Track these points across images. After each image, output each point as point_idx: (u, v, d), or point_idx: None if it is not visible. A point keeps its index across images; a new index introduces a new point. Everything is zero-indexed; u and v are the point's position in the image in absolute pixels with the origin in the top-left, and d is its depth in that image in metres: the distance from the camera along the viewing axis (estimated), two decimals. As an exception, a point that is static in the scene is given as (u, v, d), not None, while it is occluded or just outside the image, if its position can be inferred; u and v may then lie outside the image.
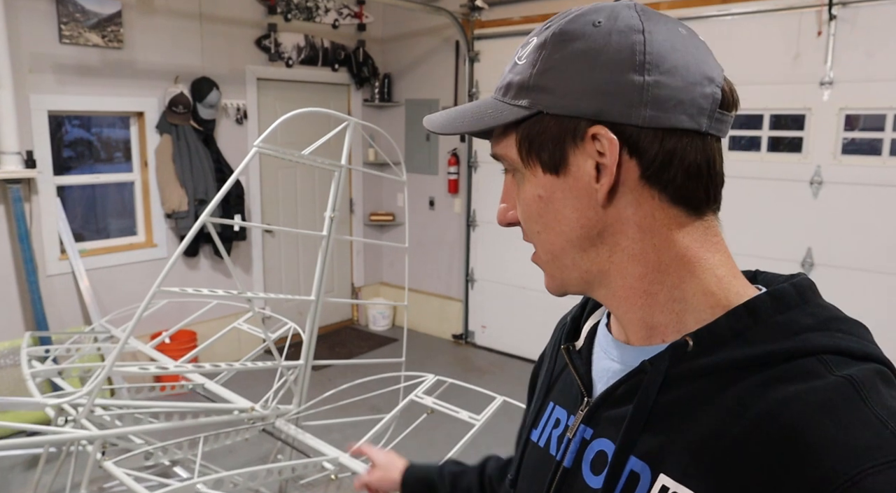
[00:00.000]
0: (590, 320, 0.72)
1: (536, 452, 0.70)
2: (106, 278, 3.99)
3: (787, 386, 0.50)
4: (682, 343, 0.56)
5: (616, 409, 0.60)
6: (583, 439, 0.63)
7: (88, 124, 4.09)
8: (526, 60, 0.59)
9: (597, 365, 0.66)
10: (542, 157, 0.58)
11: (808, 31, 3.35)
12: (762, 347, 0.53)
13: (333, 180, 2.38)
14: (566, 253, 0.60)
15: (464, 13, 4.78)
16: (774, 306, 0.56)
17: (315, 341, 2.42)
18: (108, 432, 1.70)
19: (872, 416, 0.47)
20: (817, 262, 3.47)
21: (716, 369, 0.54)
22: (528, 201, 0.60)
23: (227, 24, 4.41)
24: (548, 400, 0.72)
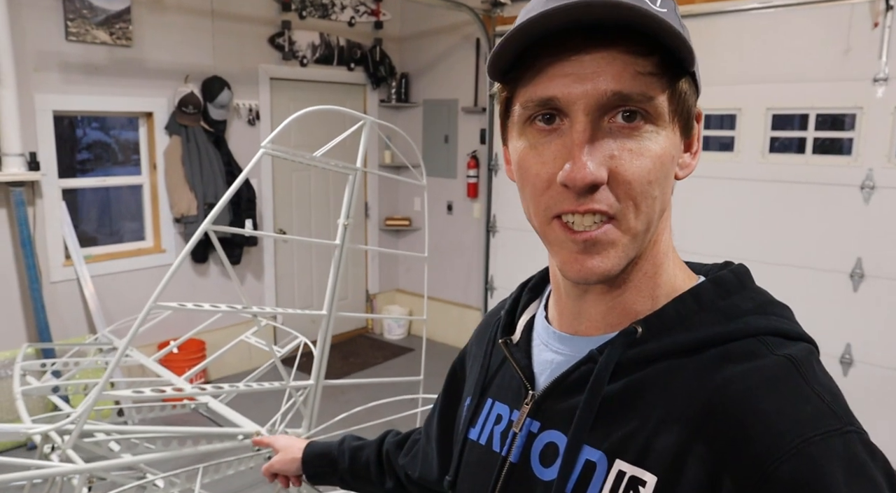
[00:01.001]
0: (525, 315, 0.71)
1: (477, 450, 0.68)
2: (112, 285, 3.83)
3: (734, 366, 0.52)
4: (631, 331, 0.57)
5: (564, 400, 0.60)
6: (529, 432, 0.62)
7: (97, 125, 3.94)
8: (668, 10, 0.53)
9: (537, 358, 0.65)
10: (686, 118, 0.56)
11: (861, 23, 3.11)
12: (708, 330, 0.55)
13: (348, 185, 2.18)
14: (653, 226, 0.56)
15: (485, 9, 4.58)
16: (717, 292, 0.58)
17: (327, 357, 2.22)
18: (92, 465, 1.52)
19: (811, 391, 0.50)
20: (868, 273, 3.22)
21: (665, 353, 0.55)
22: (661, 159, 0.54)
23: (239, 22, 4.25)
24: (485, 397, 0.71)
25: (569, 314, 0.62)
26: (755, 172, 3.49)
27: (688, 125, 0.56)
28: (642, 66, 0.51)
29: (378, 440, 1.04)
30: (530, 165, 0.55)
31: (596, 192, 0.52)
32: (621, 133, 0.52)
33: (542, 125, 0.54)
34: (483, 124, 4.85)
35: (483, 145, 4.87)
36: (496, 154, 4.78)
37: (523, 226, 4.35)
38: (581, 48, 0.51)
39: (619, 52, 0.51)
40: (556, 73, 0.52)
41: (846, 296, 3.28)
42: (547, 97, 0.52)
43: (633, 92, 0.51)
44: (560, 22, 0.50)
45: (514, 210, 4.71)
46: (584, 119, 0.52)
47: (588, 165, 0.51)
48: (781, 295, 0.60)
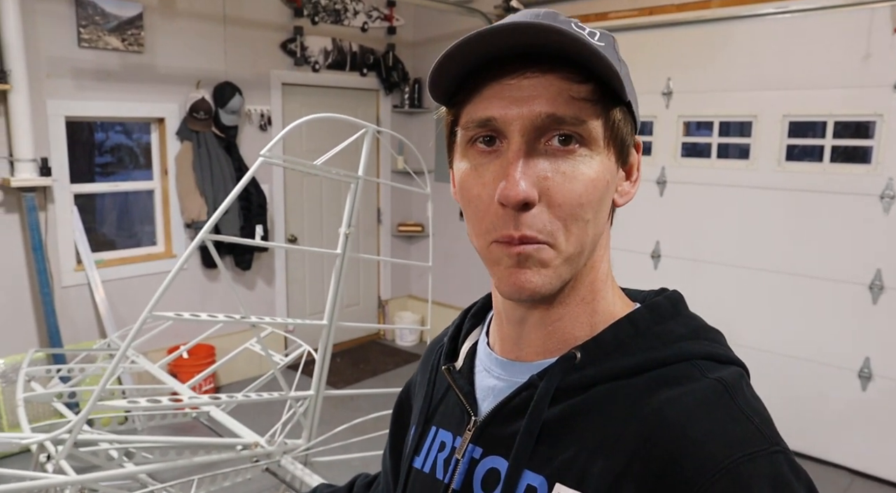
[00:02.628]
0: (467, 342, 0.72)
1: (421, 478, 0.69)
2: (123, 290, 3.85)
3: (669, 389, 0.54)
4: (570, 356, 0.58)
5: (506, 426, 0.60)
6: (472, 458, 0.62)
7: (109, 131, 3.97)
8: (605, 44, 0.56)
9: (480, 384, 0.66)
10: (621, 145, 0.58)
11: (881, 28, 3.02)
12: (644, 355, 0.57)
13: (349, 193, 2.16)
14: (587, 249, 0.57)
15: (498, 14, 4.54)
16: (652, 317, 0.60)
17: (327, 368, 2.20)
18: (84, 477, 1.51)
19: (740, 413, 0.52)
20: (888, 285, 3.12)
21: (603, 378, 0.56)
22: (595, 183, 0.55)
23: (251, 28, 4.26)
24: (429, 426, 0.71)
25: (510, 340, 0.63)
26: (771, 180, 3.41)
27: (623, 152, 0.58)
28: (577, 92, 0.53)
29: (348, 485, 1.03)
30: (471, 186, 0.56)
31: (528, 213, 0.53)
32: (556, 156, 0.54)
33: (483, 147, 0.56)
34: (495, 130, 4.81)
35: (495, 151, 4.83)
36: (508, 160, 4.74)
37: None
38: (520, 72, 0.53)
39: (556, 77, 0.53)
40: (495, 95, 0.54)
41: (865, 308, 3.19)
42: (486, 118, 0.54)
43: (566, 115, 0.53)
44: (495, 45, 0.52)
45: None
46: (519, 140, 0.53)
47: (520, 184, 0.52)
48: (799, 307, 0.60)
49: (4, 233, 3.38)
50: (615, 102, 0.56)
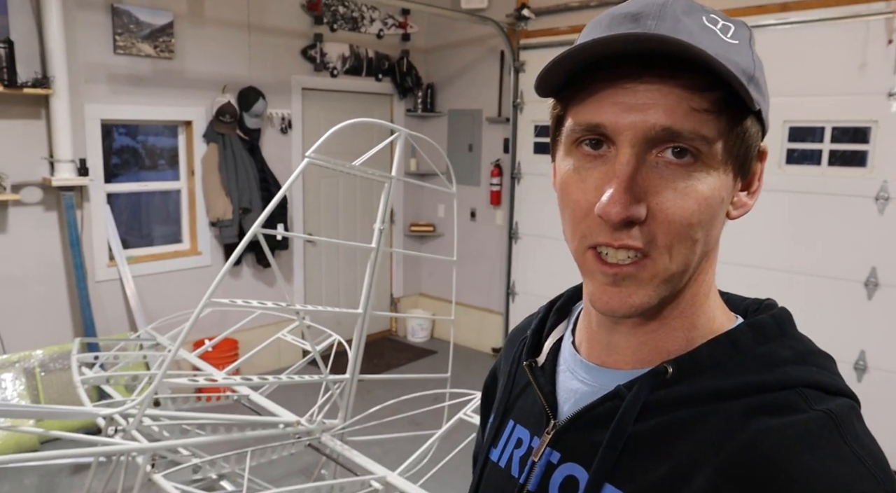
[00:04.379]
0: (551, 337, 0.69)
1: (497, 472, 0.67)
2: (151, 285, 4.03)
3: (768, 418, 0.50)
4: (661, 370, 0.55)
5: (587, 434, 0.57)
6: (549, 462, 0.60)
7: (136, 132, 4.15)
8: (739, 42, 0.52)
9: (562, 385, 0.63)
10: (744, 159, 0.54)
11: (876, 39, 3.21)
12: (742, 377, 0.52)
13: (383, 192, 2.34)
14: (692, 268, 0.54)
15: (510, 23, 4.73)
16: (755, 337, 0.55)
17: (362, 353, 2.37)
18: (158, 444, 1.68)
19: (850, 452, 0.47)
20: (882, 282, 3.30)
21: (695, 397, 0.53)
22: (708, 202, 0.51)
23: (274, 35, 4.45)
24: (507, 418, 0.69)
25: (598, 344, 0.60)
26: (772, 182, 3.59)
27: (745, 165, 0.54)
28: (698, 103, 0.49)
29: None
30: (572, 191, 0.53)
31: (633, 228, 0.50)
32: (668, 169, 0.50)
33: (589, 150, 0.52)
34: (506, 134, 5.00)
35: (506, 154, 5.01)
36: (519, 163, 4.92)
37: (545, 233, 4.48)
38: (636, 77, 0.49)
39: (676, 85, 0.49)
40: (608, 99, 0.50)
41: (861, 304, 3.37)
42: (595, 123, 0.51)
43: (684, 129, 0.49)
44: (615, 50, 0.49)
45: (536, 218, 4.84)
46: (629, 151, 0.50)
47: (625, 201, 0.49)
48: (798, 303, 0.64)
49: (44, 229, 3.56)
50: (742, 112, 0.51)
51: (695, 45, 0.47)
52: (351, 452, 2.12)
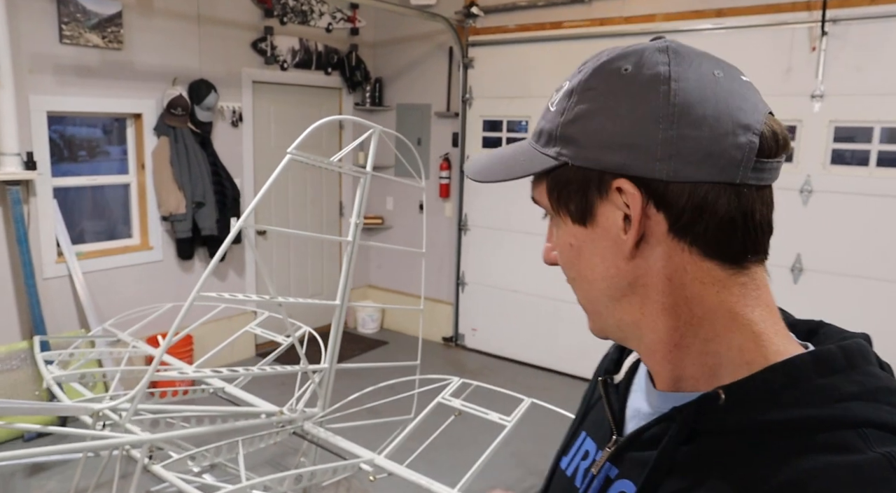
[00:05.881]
0: (633, 355, 0.70)
1: (563, 480, 0.70)
2: (101, 281, 3.93)
3: (819, 457, 0.47)
4: (713, 396, 0.53)
5: (642, 452, 0.59)
6: (607, 476, 0.62)
7: (82, 124, 4.03)
8: (556, 107, 0.59)
9: (631, 404, 0.66)
10: (569, 207, 0.58)
11: (801, 45, 3.51)
12: (797, 411, 0.50)
13: (359, 187, 2.42)
14: (600, 301, 0.60)
15: (458, 20, 4.84)
16: (816, 368, 0.52)
17: (339, 343, 2.45)
18: (157, 436, 1.71)
19: None
20: (806, 267, 3.63)
21: (746, 427, 0.52)
22: (561, 248, 0.61)
23: (224, 27, 4.39)
24: (580, 429, 0.72)
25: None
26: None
27: (580, 210, 0.58)
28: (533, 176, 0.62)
29: None
30: None
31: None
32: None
33: None
34: (455, 128, 5.12)
35: (455, 148, 5.13)
36: (468, 156, 5.05)
37: (493, 225, 4.65)
38: None
39: None
40: None
41: (788, 288, 3.70)
42: None
43: (533, 197, 0.63)
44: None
45: (485, 210, 5.00)
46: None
47: (544, 250, 0.65)
48: None
49: (-12, 226, 3.42)
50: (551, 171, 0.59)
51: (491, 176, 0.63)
52: (335, 438, 2.20)
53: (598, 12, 4.27)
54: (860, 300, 3.49)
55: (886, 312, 3.42)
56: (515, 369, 4.91)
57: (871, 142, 3.42)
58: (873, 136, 3.41)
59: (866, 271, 3.47)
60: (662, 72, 0.54)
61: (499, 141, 4.92)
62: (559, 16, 4.46)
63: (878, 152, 3.42)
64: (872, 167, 3.43)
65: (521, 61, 4.66)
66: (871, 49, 3.35)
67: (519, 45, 4.67)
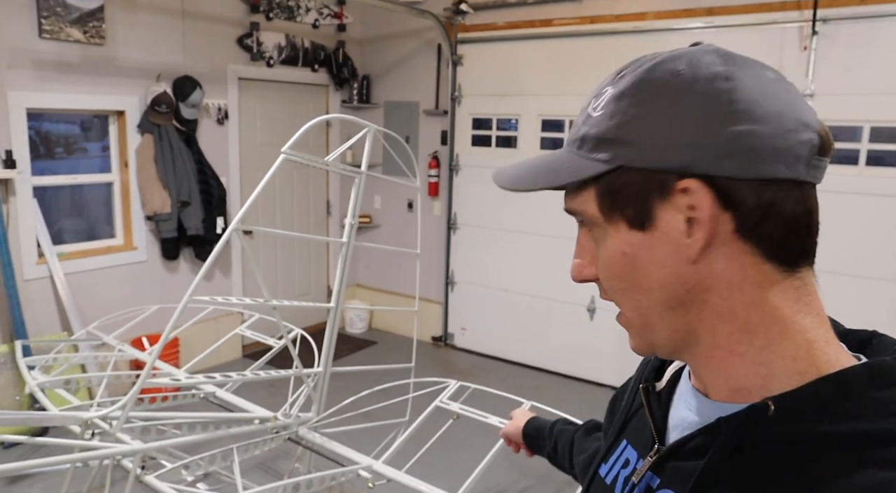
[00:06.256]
0: (676, 362, 0.69)
1: (602, 488, 0.70)
2: (84, 283, 3.84)
3: (874, 472, 0.46)
4: (762, 406, 0.52)
5: (686, 462, 0.58)
6: (648, 486, 0.61)
7: (62, 122, 3.92)
8: (603, 112, 0.57)
9: (674, 413, 0.64)
10: (626, 212, 0.55)
11: (791, 45, 3.52)
12: (852, 424, 0.49)
13: (354, 187, 2.37)
14: (654, 312, 0.56)
15: (447, 17, 4.80)
16: (871, 380, 0.51)
17: (334, 346, 2.40)
18: (151, 445, 1.66)
19: None
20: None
21: (796, 440, 0.50)
22: (611, 259, 0.57)
23: (209, 22, 4.31)
24: (621, 437, 0.71)
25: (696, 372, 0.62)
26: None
27: (637, 214, 0.55)
28: (573, 185, 0.59)
29: (576, 428, 1.12)
30: None
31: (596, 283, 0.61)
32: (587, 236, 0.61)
33: None
34: (444, 126, 5.08)
35: (444, 146, 5.09)
36: (457, 155, 5.01)
37: (483, 223, 4.62)
38: None
39: None
40: None
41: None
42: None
43: (569, 207, 0.61)
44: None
45: (474, 209, 4.96)
46: (580, 227, 0.62)
47: (574, 267, 0.61)
48: None
49: (-34, 226, 3.32)
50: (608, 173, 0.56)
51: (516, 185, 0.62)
52: (331, 443, 2.16)
53: (589, 10, 4.25)
54: (851, 299, 3.51)
55: (878, 310, 3.45)
56: (506, 369, 4.89)
57: (861, 141, 3.44)
58: (863, 135, 3.43)
59: (857, 270, 3.49)
60: (721, 71, 0.52)
61: (488, 139, 4.88)
62: (549, 13, 4.44)
63: (867, 152, 3.44)
64: (862, 166, 3.44)
65: (511, 59, 4.63)
66: (861, 49, 3.36)
67: (509, 43, 4.63)
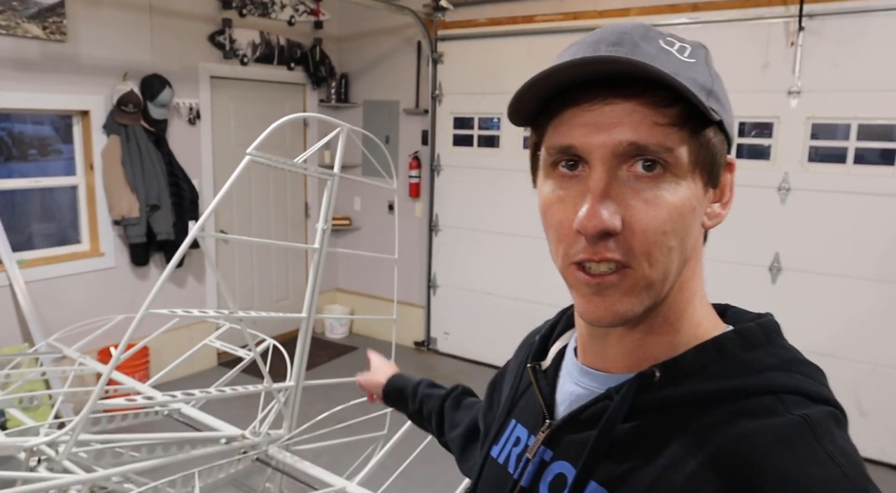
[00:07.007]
0: (558, 342, 0.72)
1: (495, 468, 0.70)
2: (47, 291, 3.66)
3: (747, 421, 0.51)
4: (649, 373, 0.57)
5: (578, 433, 0.60)
6: (542, 460, 0.63)
7: (22, 122, 3.74)
8: (696, 60, 0.56)
9: (562, 388, 0.66)
10: (711, 168, 0.56)
11: (777, 41, 3.44)
12: (725, 382, 0.54)
13: (326, 190, 2.23)
14: (672, 275, 0.56)
15: (427, 13, 4.67)
16: (741, 343, 0.57)
17: (306, 359, 2.26)
18: (99, 474, 1.51)
19: (824, 453, 0.49)
20: (784, 266, 3.57)
21: (679, 400, 0.55)
22: (680, 211, 0.54)
23: (178, 19, 4.14)
24: (510, 417, 0.72)
25: (591, 351, 0.63)
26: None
27: (713, 174, 0.56)
28: (662, 117, 0.52)
29: (444, 395, 1.11)
30: (553, 211, 0.56)
31: (610, 240, 0.52)
32: (639, 182, 0.53)
33: (566, 171, 0.55)
34: (425, 126, 4.95)
35: (425, 146, 4.97)
36: (438, 155, 4.89)
37: (465, 225, 4.49)
38: (602, 98, 0.53)
39: (639, 103, 0.52)
40: (577, 122, 0.53)
41: (766, 287, 3.63)
42: (567, 145, 0.54)
43: (650, 143, 0.52)
44: (576, 74, 0.52)
45: (457, 210, 4.84)
46: (600, 168, 0.53)
47: (600, 214, 0.51)
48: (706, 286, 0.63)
49: (-83, 233, 3.13)
50: (705, 123, 0.53)
51: (650, 64, 0.50)
52: (302, 463, 2.02)
53: (572, 6, 4.15)
54: (839, 299, 3.44)
55: (866, 311, 3.38)
56: (490, 374, 4.71)
57: (849, 139, 3.37)
58: (850, 132, 3.36)
59: (845, 270, 3.42)
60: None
61: (470, 139, 4.76)
62: (531, 9, 4.33)
63: (855, 149, 3.37)
64: (850, 165, 3.37)
65: (493, 56, 4.52)
66: (848, 44, 3.29)
67: (490, 40, 4.52)
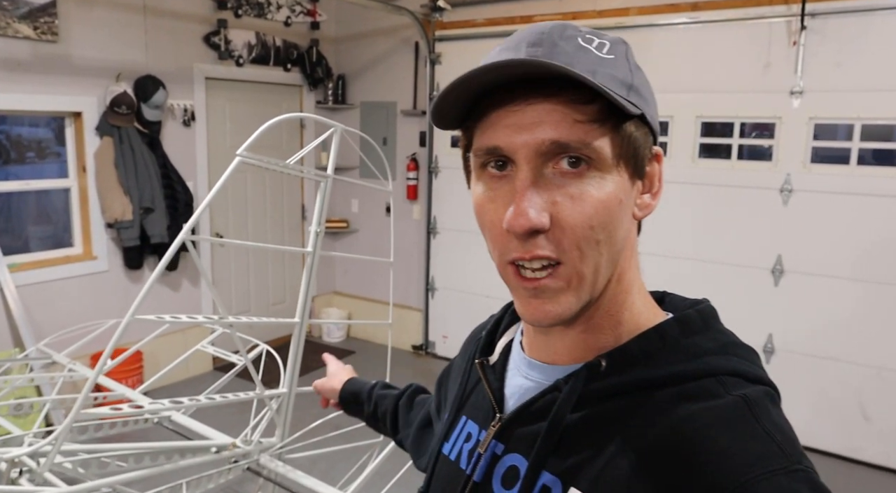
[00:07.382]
0: (504, 337, 0.73)
1: (447, 465, 0.71)
2: (39, 295, 3.61)
3: (689, 404, 0.54)
4: (595, 363, 0.58)
5: (529, 425, 0.61)
6: (493, 454, 0.64)
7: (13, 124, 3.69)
8: (615, 56, 0.57)
9: (510, 382, 0.67)
10: (635, 160, 0.57)
11: (779, 40, 3.39)
12: (668, 368, 0.57)
13: (319, 192, 2.18)
14: (606, 270, 0.57)
15: (425, 13, 4.63)
16: (681, 330, 0.59)
17: (299, 365, 2.21)
18: (82, 487, 1.46)
19: (762, 430, 0.52)
20: (787, 269, 3.51)
21: (626, 388, 0.57)
22: (607, 205, 0.55)
23: (173, 19, 4.10)
24: (460, 414, 0.73)
25: (538, 345, 0.65)
26: (686, 175, 3.73)
27: (639, 166, 0.57)
28: (581, 115, 0.53)
29: (398, 395, 1.12)
30: (486, 212, 0.57)
31: (540, 237, 0.54)
32: (564, 179, 0.54)
33: (495, 171, 0.56)
34: (423, 127, 4.90)
35: (423, 148, 4.92)
36: (436, 157, 4.84)
37: (464, 227, 4.43)
38: (524, 99, 0.54)
39: (559, 102, 0.53)
40: (502, 123, 0.54)
41: (768, 289, 3.58)
42: (493, 146, 0.55)
43: (571, 140, 0.53)
44: (494, 78, 0.53)
45: (455, 212, 4.79)
46: (526, 167, 0.54)
47: (527, 212, 0.52)
48: (708, 288, 0.65)
49: None
50: (625, 118, 0.55)
51: (562, 65, 0.51)
52: (295, 473, 1.97)
53: (571, 6, 4.10)
54: (843, 302, 3.38)
55: (870, 313, 3.33)
56: (488, 378, 4.71)
57: (852, 139, 3.32)
58: (853, 133, 3.31)
59: (849, 273, 3.37)
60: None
61: (468, 140, 4.71)
62: (530, 9, 4.28)
63: (858, 150, 3.32)
64: (853, 165, 3.32)
65: (490, 57, 4.47)
66: (851, 44, 3.24)
67: (488, 40, 4.46)
